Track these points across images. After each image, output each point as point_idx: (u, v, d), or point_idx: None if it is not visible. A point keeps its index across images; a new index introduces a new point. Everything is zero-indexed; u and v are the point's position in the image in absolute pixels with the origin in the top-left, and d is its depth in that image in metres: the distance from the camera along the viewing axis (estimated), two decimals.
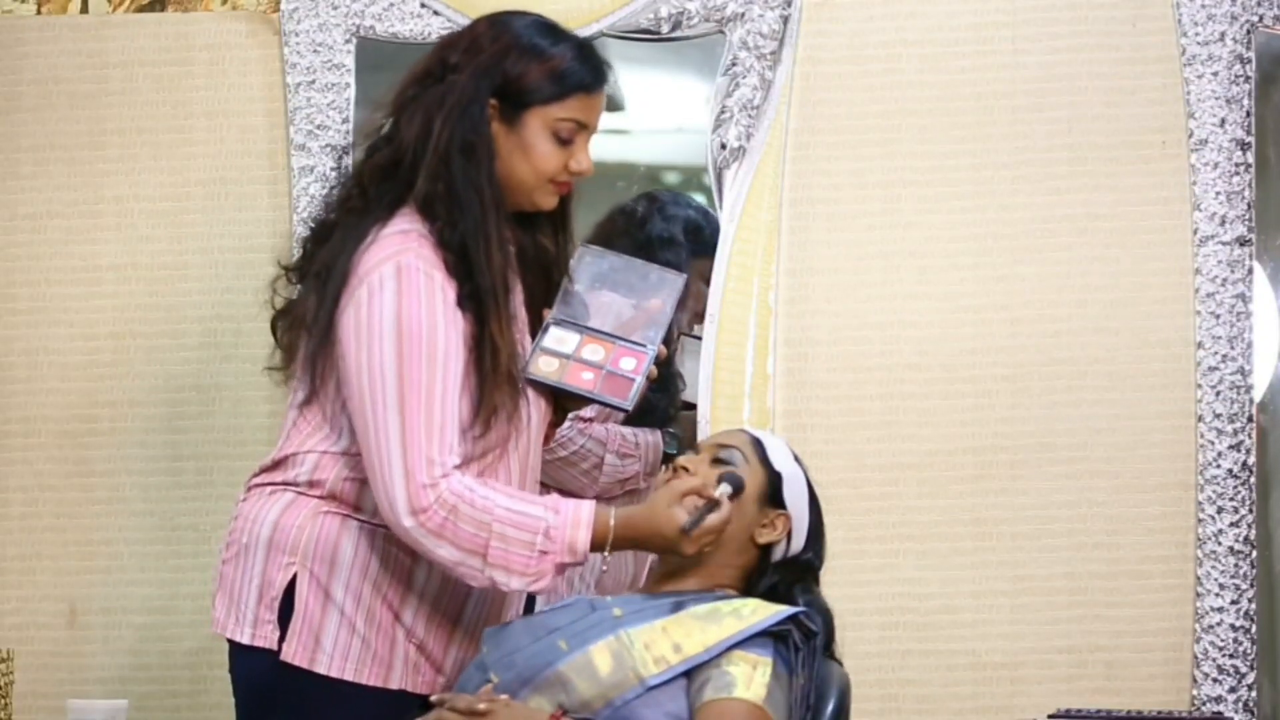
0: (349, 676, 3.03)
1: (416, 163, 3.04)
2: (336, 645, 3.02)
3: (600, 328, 3.13)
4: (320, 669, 3.02)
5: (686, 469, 3.03)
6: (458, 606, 3.07)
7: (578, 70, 3.07)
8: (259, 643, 3.05)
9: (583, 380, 3.09)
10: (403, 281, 2.97)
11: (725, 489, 2.96)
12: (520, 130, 3.06)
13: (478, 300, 3.00)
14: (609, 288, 3.17)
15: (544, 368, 3.08)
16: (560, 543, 2.93)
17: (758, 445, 3.07)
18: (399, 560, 3.04)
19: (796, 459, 3.10)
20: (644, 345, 3.12)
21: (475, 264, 3.00)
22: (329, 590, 3.03)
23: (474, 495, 2.93)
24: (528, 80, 3.05)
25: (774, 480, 3.05)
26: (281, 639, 3.04)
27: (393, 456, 2.93)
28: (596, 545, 2.95)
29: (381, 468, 2.93)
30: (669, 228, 3.92)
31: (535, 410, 3.11)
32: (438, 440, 2.93)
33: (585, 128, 3.08)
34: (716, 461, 3.04)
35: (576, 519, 2.94)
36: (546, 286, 3.17)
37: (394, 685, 3.04)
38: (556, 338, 3.10)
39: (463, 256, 3.01)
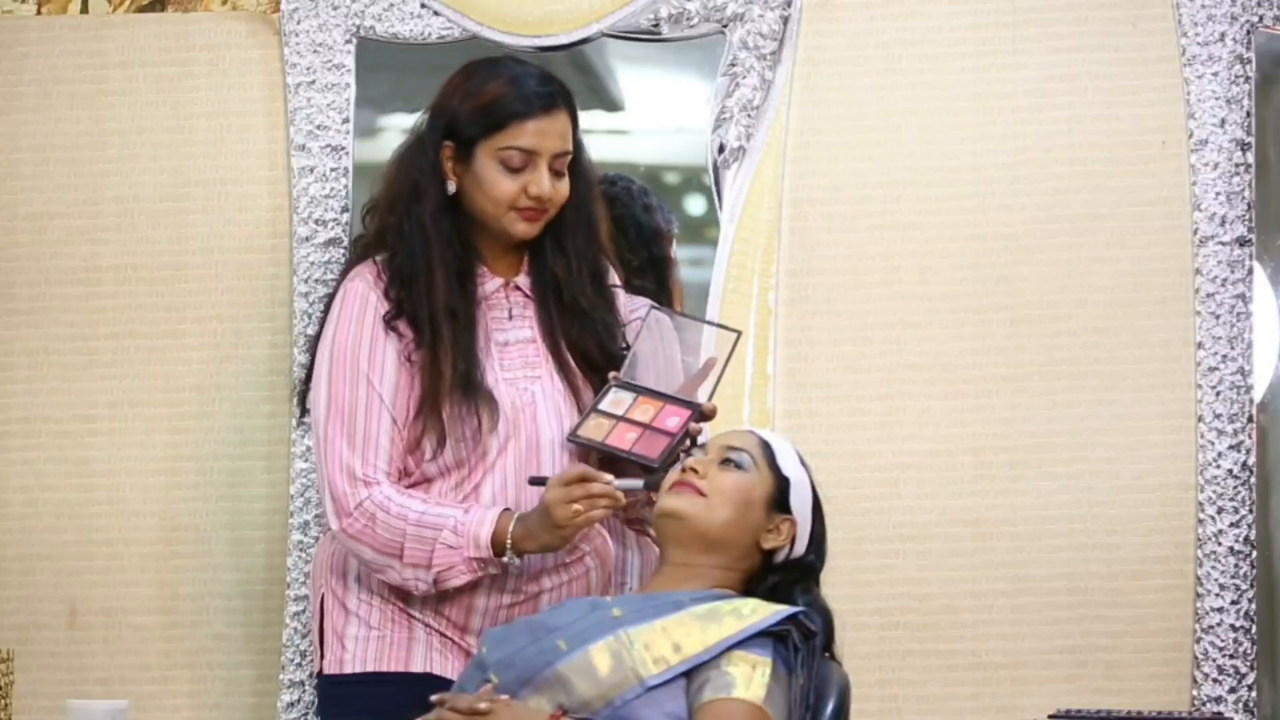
0: (370, 668, 3.17)
1: (380, 205, 3.27)
2: (357, 644, 3.18)
3: (657, 387, 3.20)
4: (348, 669, 3.18)
5: (695, 470, 3.04)
6: (468, 592, 3.15)
7: (510, 100, 3.18)
8: (317, 668, 3.26)
9: (625, 440, 3.16)
10: (343, 306, 3.18)
11: (635, 484, 3.09)
12: (473, 166, 3.19)
13: (415, 326, 3.16)
14: (671, 348, 3.26)
15: (591, 430, 3.16)
16: (467, 536, 3.08)
17: (767, 449, 3.08)
18: None
19: (802, 462, 3.10)
20: (691, 403, 3.16)
21: (413, 290, 3.17)
22: (345, 603, 3.21)
23: (391, 504, 3.11)
24: (467, 118, 3.19)
25: (782, 486, 3.05)
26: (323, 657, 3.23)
27: (322, 468, 3.15)
28: (498, 539, 3.08)
29: (318, 478, 3.18)
30: (652, 219, 3.93)
31: (519, 435, 3.18)
32: (359, 453, 3.12)
33: (534, 153, 3.16)
34: (725, 462, 3.05)
35: (482, 517, 3.10)
36: (561, 310, 3.26)
37: (417, 668, 3.16)
38: (613, 400, 3.18)
39: (403, 284, 3.18)
